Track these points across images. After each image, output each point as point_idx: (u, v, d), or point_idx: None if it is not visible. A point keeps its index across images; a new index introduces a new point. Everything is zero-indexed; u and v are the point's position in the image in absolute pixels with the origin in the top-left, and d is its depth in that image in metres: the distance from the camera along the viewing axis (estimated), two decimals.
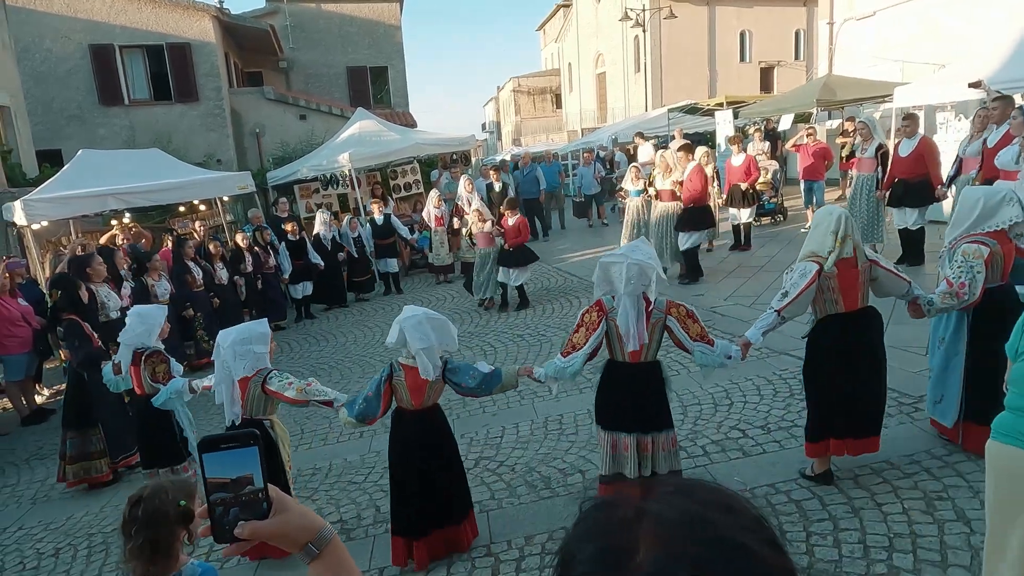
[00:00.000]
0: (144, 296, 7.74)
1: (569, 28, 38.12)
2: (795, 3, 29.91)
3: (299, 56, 22.06)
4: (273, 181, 13.92)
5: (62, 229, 9.97)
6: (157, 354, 4.55)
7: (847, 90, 13.24)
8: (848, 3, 17.74)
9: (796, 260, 3.76)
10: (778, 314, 3.61)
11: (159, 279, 8.03)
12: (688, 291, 8.35)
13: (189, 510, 2.15)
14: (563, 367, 3.50)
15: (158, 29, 16.48)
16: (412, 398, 3.59)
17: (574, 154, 21.79)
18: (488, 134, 52.26)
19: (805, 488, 3.78)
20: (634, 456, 3.49)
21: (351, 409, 3.63)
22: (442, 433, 3.74)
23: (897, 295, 3.81)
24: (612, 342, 3.56)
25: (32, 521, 5.03)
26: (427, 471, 3.61)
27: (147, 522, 2.05)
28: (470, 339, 7.78)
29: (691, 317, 3.56)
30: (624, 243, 10.92)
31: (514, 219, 8.79)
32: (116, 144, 15.48)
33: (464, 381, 3.59)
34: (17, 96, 12.50)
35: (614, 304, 3.47)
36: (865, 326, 3.72)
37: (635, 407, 3.50)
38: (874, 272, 3.69)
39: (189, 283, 8.43)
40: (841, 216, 3.62)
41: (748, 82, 29.23)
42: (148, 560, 2.04)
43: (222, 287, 8.93)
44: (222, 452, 0.95)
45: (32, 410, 7.37)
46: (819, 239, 3.65)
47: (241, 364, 3.75)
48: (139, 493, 2.13)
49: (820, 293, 3.63)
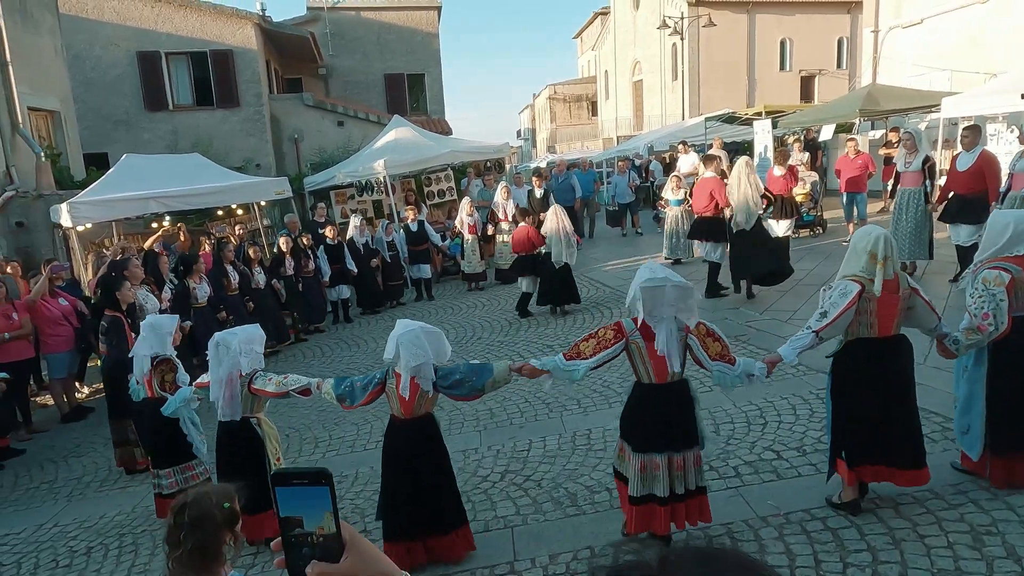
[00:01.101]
0: (185, 298, 7.93)
1: (606, 36, 38.00)
2: (838, 11, 29.34)
3: (338, 63, 22.40)
4: (310, 186, 14.13)
5: (105, 231, 10.25)
6: (167, 362, 4.65)
7: (892, 100, 12.90)
8: (894, 10, 17.31)
9: (835, 278, 3.64)
10: (816, 335, 3.49)
11: (200, 282, 8.18)
12: (723, 304, 8.18)
13: (235, 511, 2.14)
14: (564, 368, 3.44)
15: (202, 36, 16.91)
16: (402, 407, 3.64)
17: (609, 162, 21.68)
18: (523, 141, 52.39)
19: (842, 516, 3.63)
20: (665, 475, 3.41)
21: (337, 385, 3.74)
22: (432, 443, 3.74)
23: (925, 329, 3.68)
24: (637, 365, 3.48)
25: (67, 518, 5.14)
26: (415, 479, 3.65)
27: (195, 526, 2.04)
28: (499, 349, 7.74)
29: (711, 336, 3.46)
30: (664, 253, 10.85)
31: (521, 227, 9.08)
32: (159, 148, 15.90)
33: (453, 380, 3.57)
34: (67, 101, 12.91)
35: (654, 328, 3.35)
36: (896, 355, 3.59)
37: (666, 427, 3.42)
38: (912, 300, 3.56)
39: (225, 286, 8.56)
40: (881, 237, 3.49)
41: (788, 91, 28.71)
42: (198, 566, 2.02)
43: (258, 291, 9.05)
44: (294, 487, 0.94)
45: (72, 407, 7.56)
46: (858, 260, 3.53)
47: (246, 361, 4.02)
48: (182, 500, 2.12)
49: (856, 315, 3.50)
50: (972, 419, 3.76)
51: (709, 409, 5.25)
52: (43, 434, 7.13)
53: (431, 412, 3.74)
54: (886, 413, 3.52)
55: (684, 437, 3.46)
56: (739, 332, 6.94)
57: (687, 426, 3.47)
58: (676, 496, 3.44)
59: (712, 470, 4.36)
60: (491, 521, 4.16)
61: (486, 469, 4.89)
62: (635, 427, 3.51)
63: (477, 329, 8.82)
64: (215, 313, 8.17)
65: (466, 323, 9.28)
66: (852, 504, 3.64)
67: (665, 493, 3.41)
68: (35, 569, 4.45)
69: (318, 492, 0.93)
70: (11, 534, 4.99)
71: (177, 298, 7.88)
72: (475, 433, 5.55)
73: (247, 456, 4.08)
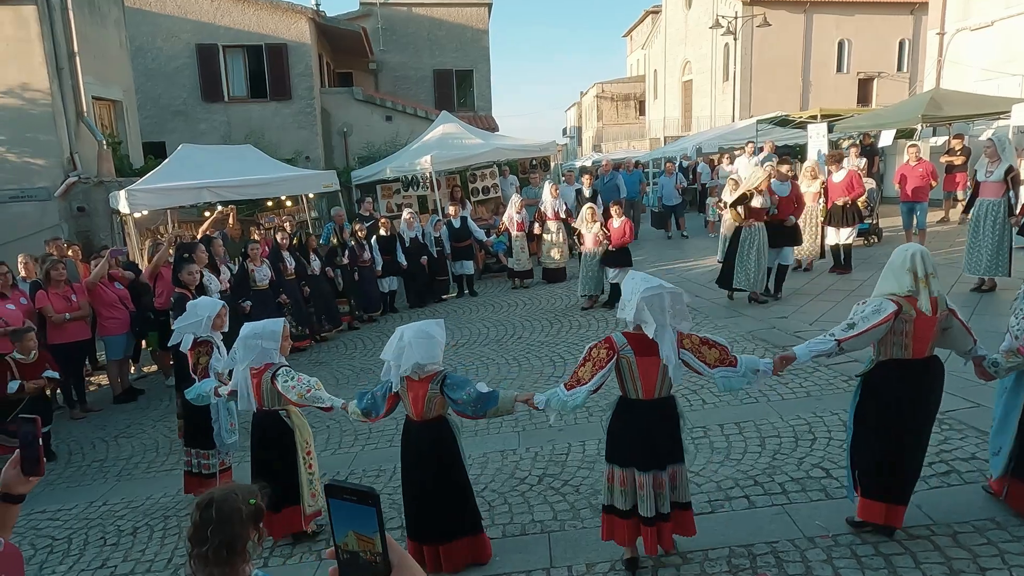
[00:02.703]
0: (245, 280, 8.32)
1: (657, 35, 37.49)
2: (901, 11, 28.31)
3: (388, 58, 22.63)
4: (357, 180, 14.30)
5: (160, 218, 10.56)
6: (205, 344, 4.72)
7: (956, 105, 12.39)
8: (962, 12, 16.60)
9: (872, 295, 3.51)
10: (838, 344, 3.37)
11: (260, 265, 8.52)
12: (771, 313, 7.97)
13: (260, 507, 2.14)
14: (565, 400, 3.38)
15: (258, 30, 17.29)
16: (412, 408, 3.63)
17: (655, 163, 21.39)
18: (569, 139, 52.16)
19: (896, 541, 3.47)
20: (650, 493, 3.34)
21: (360, 401, 3.77)
22: (442, 447, 3.67)
23: (961, 351, 3.53)
24: (625, 379, 3.39)
25: (116, 498, 5.30)
26: (421, 481, 3.65)
27: (222, 522, 2.02)
28: (540, 349, 7.69)
29: (706, 344, 3.36)
30: (718, 256, 10.62)
31: (619, 220, 9.08)
32: (214, 139, 16.33)
33: (460, 397, 3.54)
34: (130, 92, 13.35)
35: (654, 338, 3.25)
36: (928, 377, 3.44)
37: (649, 444, 3.34)
38: (949, 321, 3.41)
39: (282, 271, 8.91)
40: (917, 254, 3.37)
41: (844, 94, 27.88)
42: (224, 562, 2.00)
43: (314, 277, 9.41)
44: (344, 501, 0.97)
45: (124, 388, 7.81)
46: (895, 278, 3.40)
47: (248, 355, 4.00)
48: (208, 496, 2.12)
49: (890, 334, 3.36)
50: (1004, 441, 3.64)
51: (754, 421, 5.11)
52: (96, 413, 7.39)
53: (444, 416, 3.69)
54: (904, 445, 3.41)
55: (668, 454, 3.38)
56: (784, 342, 6.73)
57: (673, 443, 3.40)
58: (662, 516, 3.37)
59: (757, 485, 4.24)
60: (528, 525, 4.12)
61: (524, 471, 4.85)
62: (619, 442, 3.43)
63: (518, 328, 8.79)
64: (275, 296, 8.50)
65: (507, 321, 9.26)
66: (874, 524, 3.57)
67: (651, 512, 3.34)
68: (84, 546, 4.59)
69: (365, 511, 0.95)
70: (63, 510, 5.17)
71: (238, 280, 8.25)
72: (513, 434, 5.52)
73: (278, 448, 4.09)
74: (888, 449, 3.43)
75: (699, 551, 3.60)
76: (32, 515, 5.08)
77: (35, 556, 4.51)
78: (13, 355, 5.80)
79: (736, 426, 5.09)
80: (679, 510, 3.44)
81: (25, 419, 1.81)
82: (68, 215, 10.19)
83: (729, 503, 4.08)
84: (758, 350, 6.74)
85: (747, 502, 4.07)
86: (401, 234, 10.84)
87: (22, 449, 1.81)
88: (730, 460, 4.61)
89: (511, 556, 3.80)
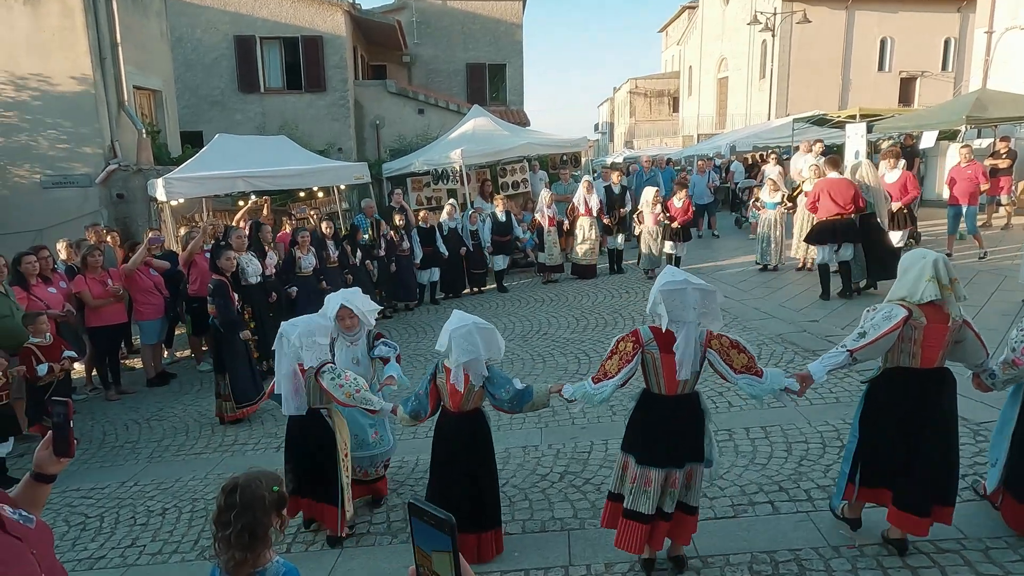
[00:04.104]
0: (291, 266, 8.57)
1: (693, 30, 37.01)
2: (947, 9, 27.52)
3: (422, 51, 22.71)
4: (388, 172, 14.39)
5: (195, 206, 10.76)
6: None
7: (1003, 107, 12.00)
8: (1012, 11, 16.07)
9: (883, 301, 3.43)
10: (851, 355, 3.30)
11: (307, 253, 8.74)
12: (802, 315, 7.83)
13: (283, 495, 2.18)
14: (592, 393, 3.37)
15: (295, 22, 17.50)
16: (450, 400, 3.65)
17: (688, 160, 21.13)
18: (600, 135, 51.82)
19: (925, 554, 3.39)
20: (657, 491, 3.30)
21: (406, 405, 3.78)
22: (477, 439, 3.71)
23: (971, 364, 3.44)
24: (648, 374, 3.35)
25: (146, 479, 5.43)
26: (456, 473, 3.67)
27: (245, 507, 2.07)
28: (565, 345, 7.67)
29: (736, 347, 3.28)
30: (756, 257, 10.50)
31: (681, 201, 10.40)
32: (249, 129, 16.58)
33: (498, 393, 3.61)
34: (169, 82, 13.61)
35: (676, 334, 3.21)
36: (937, 390, 3.34)
37: (670, 441, 3.30)
38: (962, 333, 3.32)
39: (325, 259, 9.11)
40: (937, 260, 3.27)
41: (885, 93, 27.21)
42: (245, 546, 2.05)
43: (356, 267, 9.62)
44: (424, 524, 1.01)
45: (157, 372, 7.99)
46: (910, 284, 3.30)
47: (308, 355, 3.83)
48: (233, 481, 2.17)
49: (898, 342, 3.28)
50: (999, 453, 3.60)
51: (781, 426, 5.04)
52: (129, 396, 7.58)
53: (480, 408, 3.73)
54: (914, 456, 3.32)
55: (689, 452, 3.33)
56: (816, 347, 6.61)
57: (695, 441, 3.35)
58: (662, 514, 3.33)
59: (782, 490, 4.18)
60: (548, 522, 4.12)
61: (545, 468, 4.85)
62: (639, 437, 3.40)
63: (543, 324, 8.77)
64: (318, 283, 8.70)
65: (533, 317, 9.25)
66: (854, 522, 3.59)
67: (651, 511, 3.30)
68: (115, 524, 4.72)
69: (441, 537, 1.00)
70: (96, 488, 5.32)
71: (284, 266, 8.51)
72: (536, 430, 5.52)
73: (317, 449, 3.97)
74: (891, 456, 3.37)
75: (720, 556, 3.56)
76: (67, 492, 5.23)
77: (68, 532, 4.65)
78: (31, 339, 5.93)
79: (762, 430, 5.01)
80: (683, 513, 3.39)
81: (57, 402, 1.87)
82: (108, 201, 10.44)
83: (752, 508, 4.02)
84: (787, 354, 6.64)
85: (771, 508, 4.01)
86: (444, 225, 10.97)
87: (54, 431, 1.87)
88: (755, 464, 4.55)
89: (530, 552, 3.80)
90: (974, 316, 3.90)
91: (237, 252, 7.09)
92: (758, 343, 6.99)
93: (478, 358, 3.50)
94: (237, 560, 2.06)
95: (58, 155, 10.28)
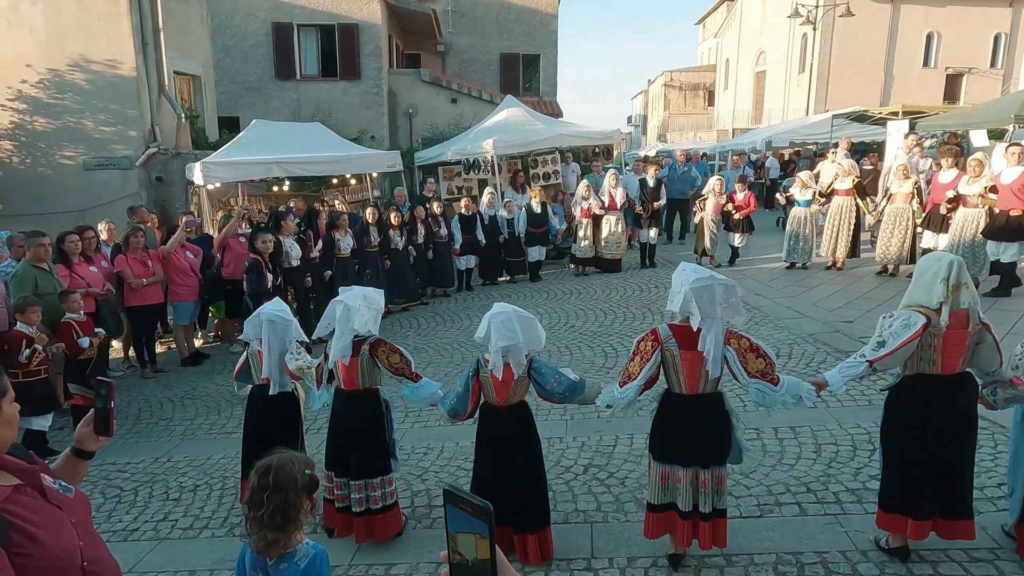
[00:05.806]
0: (331, 248, 8.95)
1: (731, 23, 36.37)
2: (998, 3, 26.60)
3: (456, 40, 22.70)
4: (420, 161, 14.46)
5: (231, 191, 10.94)
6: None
7: None
8: None
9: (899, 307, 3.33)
10: (870, 365, 3.22)
11: (344, 235, 9.12)
12: (836, 316, 7.68)
13: (315, 478, 2.22)
14: (618, 397, 3.33)
15: (331, 10, 17.63)
16: (497, 394, 3.60)
17: (721, 155, 20.84)
18: (633, 127, 51.34)
19: (956, 562, 3.32)
20: (688, 489, 3.28)
21: (444, 404, 3.75)
22: (526, 432, 3.67)
23: (986, 369, 3.31)
24: (669, 373, 3.32)
25: (179, 456, 5.57)
26: (504, 468, 3.60)
27: (278, 488, 2.12)
28: (592, 339, 7.65)
29: (754, 351, 3.22)
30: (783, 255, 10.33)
31: (743, 194, 10.87)
32: (284, 115, 16.78)
33: (549, 383, 3.56)
34: (208, 67, 13.83)
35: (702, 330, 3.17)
36: (958, 395, 3.25)
37: (692, 441, 3.27)
38: (981, 336, 3.21)
39: (365, 243, 9.39)
40: (953, 262, 3.16)
41: (930, 90, 26.45)
42: (277, 527, 2.10)
43: (397, 251, 9.84)
44: (461, 510, 1.01)
45: (190, 353, 8.18)
46: (926, 288, 3.20)
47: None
48: (267, 463, 2.21)
49: (918, 349, 3.19)
50: (1015, 481, 3.37)
51: (811, 427, 4.96)
52: (164, 374, 7.77)
53: (525, 401, 3.70)
54: (941, 462, 3.23)
55: (713, 453, 3.29)
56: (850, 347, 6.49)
57: (717, 442, 3.30)
58: (700, 514, 3.30)
59: (809, 492, 4.13)
60: (571, 514, 4.13)
61: (570, 460, 4.85)
62: (661, 436, 3.37)
63: (571, 317, 8.76)
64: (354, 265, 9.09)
65: (560, 309, 9.24)
66: (901, 551, 3.38)
67: (688, 508, 3.28)
68: (149, 499, 4.86)
69: (479, 524, 0.99)
70: (131, 463, 5.47)
71: (326, 248, 8.92)
72: (561, 422, 5.52)
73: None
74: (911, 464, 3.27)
75: (744, 555, 3.53)
76: (104, 466, 5.40)
77: (104, 504, 4.80)
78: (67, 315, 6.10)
79: (791, 430, 4.95)
80: (717, 517, 3.36)
81: (102, 381, 1.92)
82: (147, 184, 10.67)
83: (779, 508, 3.98)
84: (819, 354, 6.53)
85: (798, 509, 3.96)
86: (481, 212, 11.05)
87: (96, 411, 1.93)
88: (783, 464, 4.49)
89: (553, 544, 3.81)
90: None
91: (285, 236, 7.82)
92: (789, 343, 6.89)
93: (517, 344, 3.45)
94: (269, 540, 2.11)
95: (102, 138, 10.52)
